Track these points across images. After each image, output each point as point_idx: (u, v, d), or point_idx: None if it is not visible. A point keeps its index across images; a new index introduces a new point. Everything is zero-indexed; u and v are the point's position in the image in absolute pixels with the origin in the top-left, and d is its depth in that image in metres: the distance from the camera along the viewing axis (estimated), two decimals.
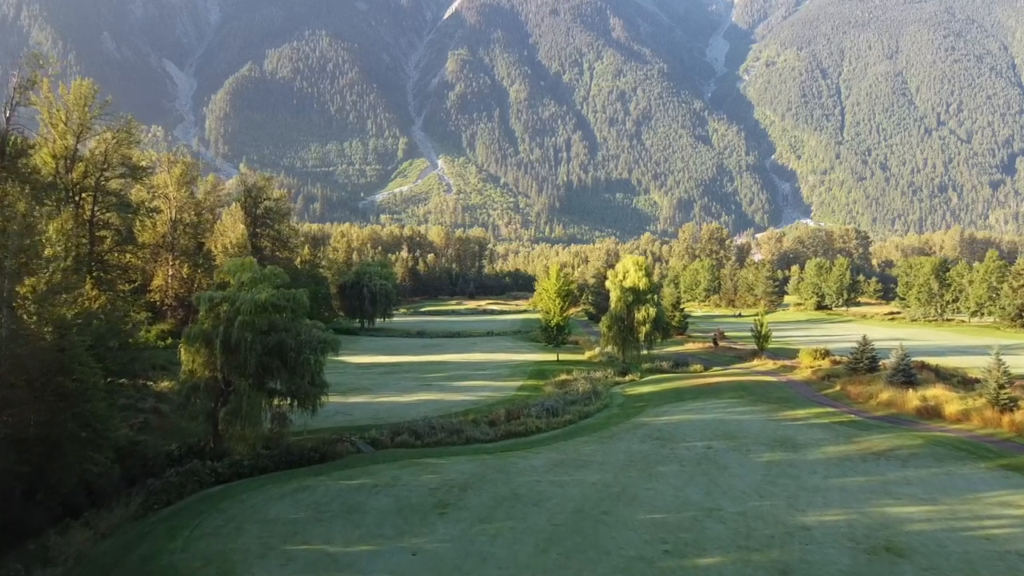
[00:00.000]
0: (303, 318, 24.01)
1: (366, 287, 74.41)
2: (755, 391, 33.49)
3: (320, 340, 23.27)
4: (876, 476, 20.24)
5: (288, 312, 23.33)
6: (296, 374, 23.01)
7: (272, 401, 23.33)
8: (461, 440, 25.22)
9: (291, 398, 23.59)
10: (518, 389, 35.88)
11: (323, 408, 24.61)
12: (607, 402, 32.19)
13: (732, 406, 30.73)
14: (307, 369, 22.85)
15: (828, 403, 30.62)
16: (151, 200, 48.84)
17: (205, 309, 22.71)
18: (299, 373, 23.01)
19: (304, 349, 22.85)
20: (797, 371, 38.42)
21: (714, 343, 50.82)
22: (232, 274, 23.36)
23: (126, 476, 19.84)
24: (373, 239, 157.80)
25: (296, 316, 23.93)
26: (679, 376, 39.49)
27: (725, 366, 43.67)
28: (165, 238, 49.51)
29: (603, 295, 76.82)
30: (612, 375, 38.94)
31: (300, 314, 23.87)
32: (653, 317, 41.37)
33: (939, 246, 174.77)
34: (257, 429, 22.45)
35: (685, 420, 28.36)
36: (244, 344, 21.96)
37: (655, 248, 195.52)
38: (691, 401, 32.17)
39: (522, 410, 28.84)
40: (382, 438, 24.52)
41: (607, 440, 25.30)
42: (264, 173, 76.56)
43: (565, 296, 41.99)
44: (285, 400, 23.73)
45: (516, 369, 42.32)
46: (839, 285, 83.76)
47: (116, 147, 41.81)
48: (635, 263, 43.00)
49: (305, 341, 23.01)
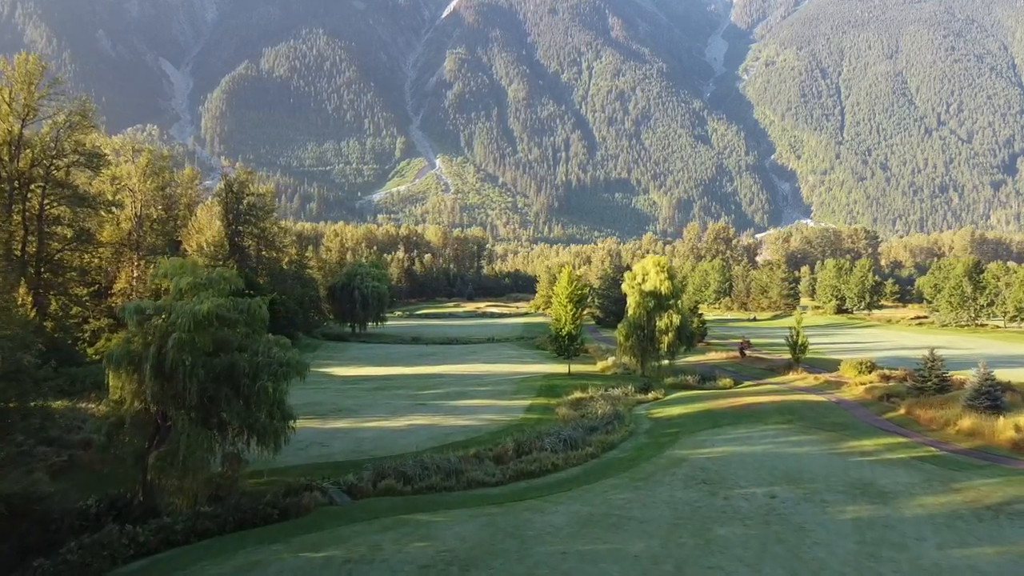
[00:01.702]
0: (262, 333, 19.11)
1: (357, 289, 69.44)
2: (805, 414, 28.66)
3: (282, 362, 18.35)
4: (1008, 545, 15.45)
5: (241, 327, 18.44)
6: (252, 405, 18.12)
7: (222, 439, 18.44)
8: (461, 484, 20.35)
9: (247, 434, 18.72)
10: (527, 410, 30.98)
11: (295, 435, 19.88)
12: (632, 428, 27.34)
13: (783, 434, 25.93)
14: (265, 399, 17.97)
15: (896, 431, 25.83)
16: (115, 193, 43.86)
17: (134, 323, 17.79)
18: (256, 403, 18.12)
19: (261, 374, 17.95)
20: (845, 388, 33.58)
21: (741, 353, 46.07)
22: (168, 278, 18.45)
23: (18, 547, 14.92)
24: (368, 238, 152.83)
25: (254, 331, 19.04)
26: (709, 393, 34.61)
27: (757, 380, 38.87)
28: (131, 235, 44.46)
29: (611, 298, 72.20)
30: (633, 392, 34.05)
31: (258, 329, 18.97)
32: (677, 325, 36.57)
33: (948, 246, 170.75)
34: (200, 476, 17.54)
35: (731, 454, 23.52)
36: (182, 369, 17.08)
37: (657, 249, 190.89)
38: (731, 427, 27.34)
39: (534, 441, 23.96)
40: (362, 484, 19.60)
41: (642, 484, 20.45)
42: (246, 167, 71.54)
43: (578, 302, 37.04)
44: (242, 435, 18.86)
45: (522, 384, 37.35)
46: (860, 287, 79.18)
47: (69, 132, 36.85)
48: (656, 264, 38.13)
49: (263, 364, 18.10)
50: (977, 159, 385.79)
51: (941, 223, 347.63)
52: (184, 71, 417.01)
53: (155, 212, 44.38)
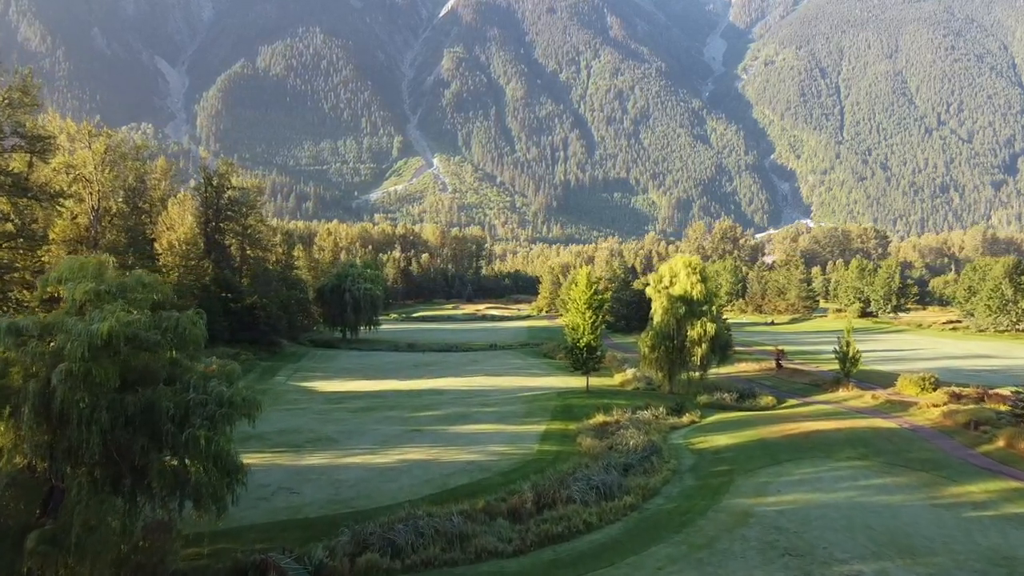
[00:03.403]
0: (197, 359, 14.13)
1: (348, 292, 64.27)
2: (880, 446, 23.73)
3: (222, 400, 13.33)
4: None
5: (165, 351, 13.44)
6: (180, 459, 13.16)
7: (138, 506, 13.46)
8: (468, 555, 15.40)
9: (179, 495, 13.74)
10: (542, 439, 25.96)
11: (261, 475, 14.99)
12: (674, 465, 22.38)
13: (862, 474, 21.02)
14: (197, 452, 12.99)
15: (1003, 471, 20.92)
16: (71, 183, 38.75)
17: (12, 348, 12.79)
18: (188, 456, 13.17)
19: (192, 417, 12.98)
20: (915, 411, 28.59)
21: (777, 365, 41.12)
22: (64, 283, 13.45)
23: None
24: (363, 237, 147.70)
25: (189, 357, 14.06)
26: (753, 416, 29.59)
27: (803, 398, 33.92)
28: (89, 231, 39.35)
29: (622, 300, 67.30)
30: (664, 414, 29.04)
31: (191, 353, 13.99)
32: (712, 335, 31.62)
33: (958, 246, 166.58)
34: (104, 559, 12.56)
35: (807, 505, 18.59)
36: (76, 412, 12.12)
37: (660, 248, 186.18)
38: (794, 464, 22.40)
39: (558, 488, 18.99)
40: (335, 564, 14.59)
41: (705, 555, 15.52)
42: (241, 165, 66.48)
43: (597, 308, 31.86)
44: (173, 495, 13.88)
45: (534, 404, 32.28)
46: (887, 289, 74.47)
47: (7, 111, 31.77)
48: (686, 265, 33.16)
49: (196, 403, 13.12)
50: (978, 159, 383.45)
51: (942, 223, 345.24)
52: (180, 69, 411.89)
53: (115, 205, 39.23)
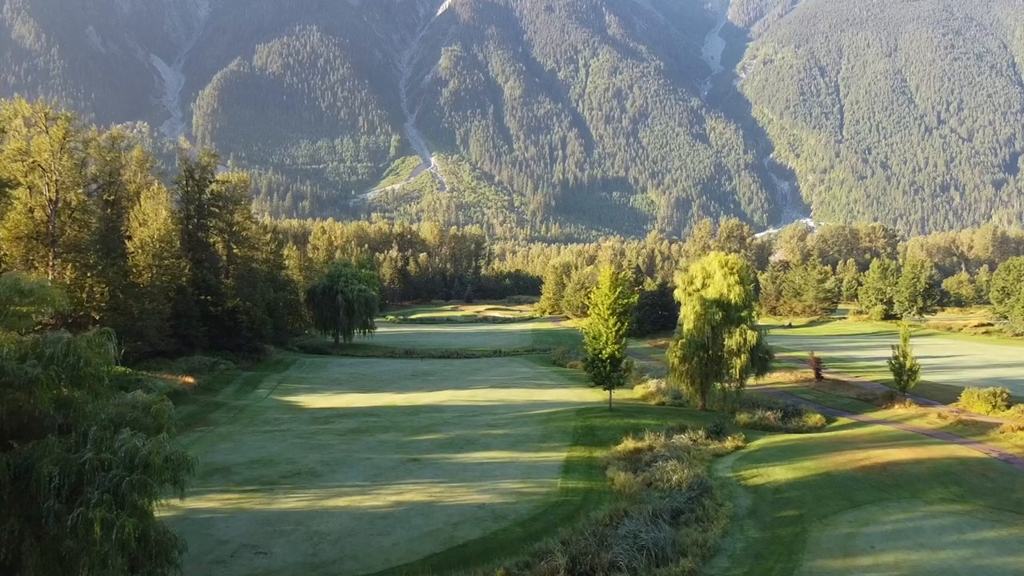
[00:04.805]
0: (104, 397, 9.95)
1: (340, 293, 59.99)
2: (977, 485, 19.67)
3: (134, 462, 9.14)
4: None
5: (51, 389, 9.26)
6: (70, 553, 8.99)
7: None
8: None
9: None
10: (564, 471, 21.78)
11: (217, 519, 10.93)
12: (730, 509, 18.27)
13: (967, 524, 16.97)
14: (92, 543, 8.81)
15: None
16: (25, 174, 34.54)
17: None
18: (79, 546, 9.00)
19: (88, 488, 8.81)
20: (997, 434, 24.55)
21: (816, 375, 37.05)
22: None
23: None
24: (359, 236, 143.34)
25: (92, 397, 9.86)
26: (807, 440, 25.33)
27: (853, 415, 29.86)
28: (46, 226, 35.12)
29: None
30: (703, 437, 24.97)
31: (96, 390, 9.79)
32: (752, 344, 27.53)
33: (967, 245, 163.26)
34: None
35: (917, 571, 14.52)
36: None
37: (663, 248, 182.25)
38: (877, 507, 18.30)
39: (596, 550, 14.87)
40: None
41: None
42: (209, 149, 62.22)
43: (622, 314, 27.60)
44: None
45: (550, 425, 27.97)
46: (911, 291, 70.72)
47: None
48: (722, 264, 29.01)
49: (93, 467, 8.95)
50: (978, 158, 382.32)
51: (943, 223, 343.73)
52: (176, 68, 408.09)
53: (76, 198, 34.98)
